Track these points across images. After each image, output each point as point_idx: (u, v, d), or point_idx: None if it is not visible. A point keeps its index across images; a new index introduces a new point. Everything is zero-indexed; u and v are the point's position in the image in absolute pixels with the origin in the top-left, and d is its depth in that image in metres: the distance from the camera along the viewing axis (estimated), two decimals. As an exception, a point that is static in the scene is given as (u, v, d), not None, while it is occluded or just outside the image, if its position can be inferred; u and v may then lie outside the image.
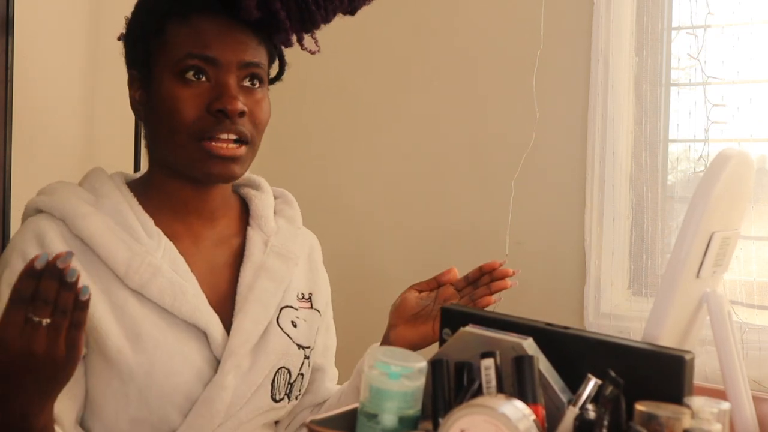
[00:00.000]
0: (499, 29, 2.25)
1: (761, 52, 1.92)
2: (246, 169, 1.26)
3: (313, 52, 1.28)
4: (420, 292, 1.32)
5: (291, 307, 1.30)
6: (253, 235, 1.30)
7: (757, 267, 1.88)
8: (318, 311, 1.35)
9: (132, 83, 1.27)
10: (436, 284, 1.31)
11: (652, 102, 2.06)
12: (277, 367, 1.25)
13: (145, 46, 1.23)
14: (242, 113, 1.20)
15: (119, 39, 1.31)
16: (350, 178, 2.43)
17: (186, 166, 1.23)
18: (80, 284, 0.95)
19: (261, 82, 1.25)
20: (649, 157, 2.05)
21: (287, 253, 1.31)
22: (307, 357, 1.30)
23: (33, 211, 1.24)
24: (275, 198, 1.39)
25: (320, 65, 1.33)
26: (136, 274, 1.18)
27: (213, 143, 1.19)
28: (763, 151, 1.97)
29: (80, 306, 0.96)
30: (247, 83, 1.23)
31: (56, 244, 1.17)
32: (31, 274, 0.94)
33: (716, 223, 0.99)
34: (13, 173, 1.95)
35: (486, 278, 1.28)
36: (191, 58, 1.19)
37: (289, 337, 1.27)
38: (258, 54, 1.24)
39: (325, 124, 2.45)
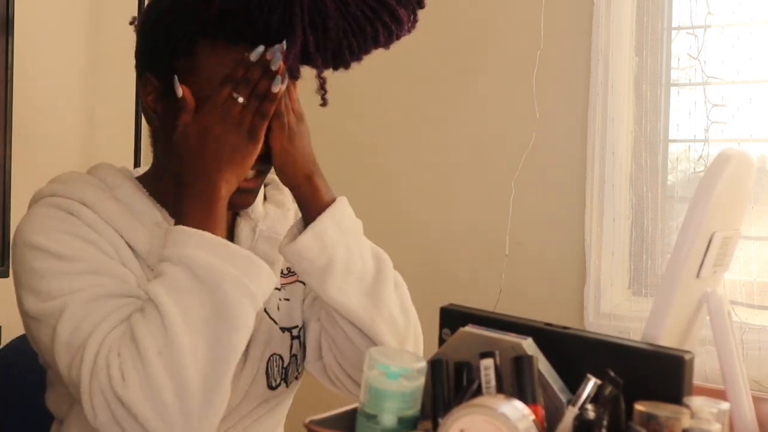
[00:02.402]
0: (499, 29, 2.25)
1: (761, 52, 1.92)
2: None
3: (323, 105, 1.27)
4: None
5: (276, 288, 1.28)
6: (241, 223, 1.28)
7: (757, 267, 1.88)
8: (302, 282, 1.33)
9: (145, 86, 1.20)
10: None
11: (652, 102, 2.06)
12: (269, 355, 1.25)
13: (168, 58, 1.17)
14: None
15: (131, 23, 1.26)
16: (350, 178, 2.43)
17: None
18: (276, 78, 1.12)
19: None
20: (649, 157, 2.05)
21: (275, 236, 1.29)
22: (295, 337, 1.28)
23: (47, 197, 1.20)
24: (266, 185, 1.38)
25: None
26: (156, 254, 1.15)
27: None
28: (763, 151, 1.97)
29: (269, 97, 1.13)
30: None
31: (89, 217, 1.15)
32: (244, 63, 1.12)
33: (716, 223, 0.99)
34: (13, 173, 1.95)
35: None
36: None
37: (274, 322, 1.26)
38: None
39: (324, 124, 2.44)
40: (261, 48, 1.12)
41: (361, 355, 1.16)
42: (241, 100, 1.12)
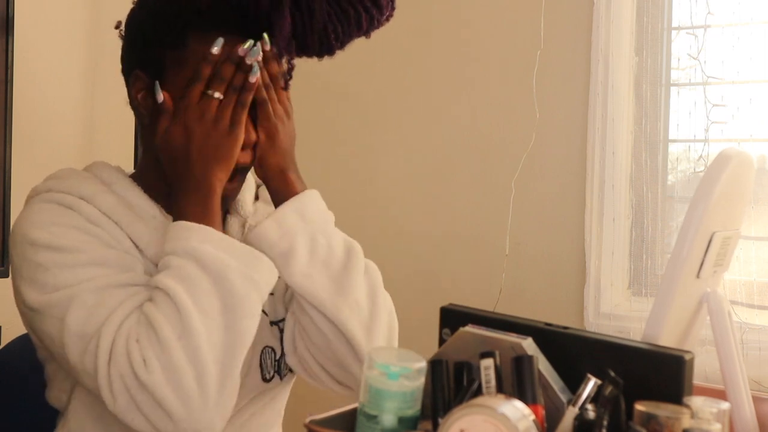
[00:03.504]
0: (499, 29, 2.25)
1: (761, 52, 1.92)
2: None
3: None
4: None
5: None
6: (230, 220, 1.30)
7: (757, 267, 1.88)
8: None
9: (135, 83, 1.22)
10: None
11: (652, 102, 2.06)
12: (262, 347, 1.25)
13: (157, 52, 1.19)
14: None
15: (116, 27, 1.27)
16: (351, 178, 2.43)
17: None
18: (252, 69, 1.14)
19: None
20: (649, 157, 2.05)
21: None
22: (282, 330, 1.29)
23: (43, 193, 1.21)
24: (259, 185, 1.39)
25: (319, 66, 1.32)
26: (157, 245, 1.17)
27: None
28: (763, 151, 1.97)
29: (248, 87, 1.15)
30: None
31: (87, 210, 1.16)
32: (209, 60, 1.14)
33: (716, 223, 0.99)
34: (13, 173, 1.95)
35: None
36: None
37: (265, 314, 1.26)
38: None
39: (324, 125, 2.45)
40: (221, 40, 1.14)
41: (329, 344, 1.19)
42: (217, 95, 1.15)
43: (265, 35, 1.16)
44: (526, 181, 2.19)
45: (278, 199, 1.22)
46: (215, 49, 1.14)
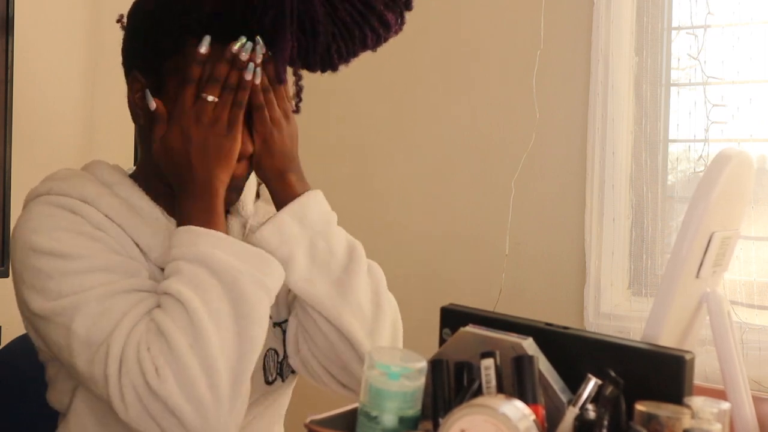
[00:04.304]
0: (499, 29, 2.25)
1: (761, 52, 1.92)
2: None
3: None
4: None
5: None
6: (231, 221, 1.28)
7: (757, 267, 1.88)
8: None
9: (133, 84, 1.21)
10: None
11: (652, 102, 2.06)
12: (266, 349, 1.25)
13: (156, 57, 1.18)
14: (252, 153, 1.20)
15: (118, 21, 1.25)
16: (350, 178, 2.43)
17: None
18: (248, 66, 1.12)
19: None
20: (649, 157, 2.05)
21: None
22: (285, 332, 1.29)
23: (43, 195, 1.19)
24: (259, 183, 1.38)
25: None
26: (160, 247, 1.17)
27: None
28: (763, 151, 1.97)
29: (243, 85, 1.13)
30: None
31: (89, 213, 1.15)
32: (199, 60, 1.12)
33: (716, 223, 0.99)
34: (13, 173, 1.95)
35: None
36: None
37: (269, 317, 1.26)
38: None
39: (324, 125, 2.45)
40: (208, 38, 1.12)
41: (332, 346, 1.18)
42: (211, 98, 1.13)
43: (259, 38, 1.14)
44: (526, 181, 2.19)
45: (278, 202, 1.21)
46: (203, 48, 1.12)
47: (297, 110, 1.25)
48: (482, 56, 2.26)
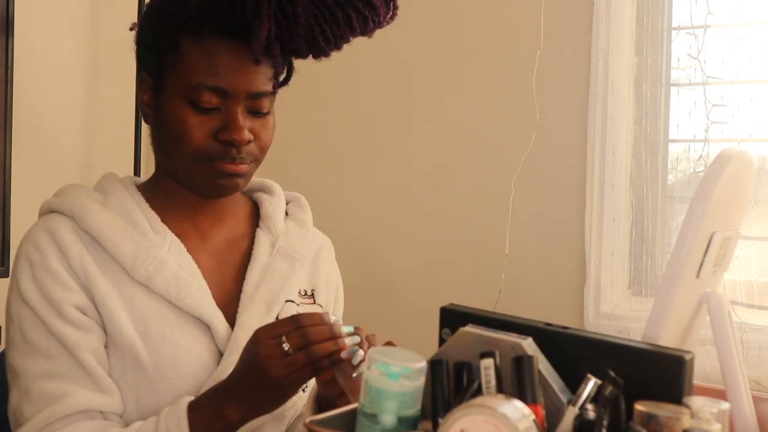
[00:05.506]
0: (499, 29, 2.25)
1: (761, 52, 1.92)
2: (249, 180, 1.29)
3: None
4: None
5: (292, 301, 1.31)
6: (261, 236, 1.32)
7: (757, 267, 1.88)
8: (321, 306, 1.36)
9: (141, 84, 1.27)
10: None
11: (652, 102, 2.06)
12: None
13: (156, 55, 1.23)
14: (249, 141, 1.22)
15: (131, 29, 1.32)
16: (351, 179, 2.43)
17: (192, 182, 1.26)
18: (345, 351, 1.08)
19: (269, 104, 1.26)
20: (649, 157, 2.05)
21: (294, 253, 1.33)
22: None
23: (46, 211, 1.27)
24: (288, 202, 1.41)
25: (322, 68, 1.33)
26: (142, 267, 1.21)
27: (219, 164, 1.22)
28: (763, 151, 1.97)
29: (332, 359, 1.08)
30: (254, 109, 1.24)
31: (67, 238, 1.21)
32: (295, 321, 1.08)
33: (716, 223, 0.99)
34: (13, 173, 1.95)
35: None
36: (202, 88, 1.20)
37: None
38: (268, 82, 1.24)
39: (324, 125, 2.45)
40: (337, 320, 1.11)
41: None
42: (286, 347, 1.08)
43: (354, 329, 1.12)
44: (526, 181, 2.19)
45: None
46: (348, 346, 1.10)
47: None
48: (482, 56, 2.26)
